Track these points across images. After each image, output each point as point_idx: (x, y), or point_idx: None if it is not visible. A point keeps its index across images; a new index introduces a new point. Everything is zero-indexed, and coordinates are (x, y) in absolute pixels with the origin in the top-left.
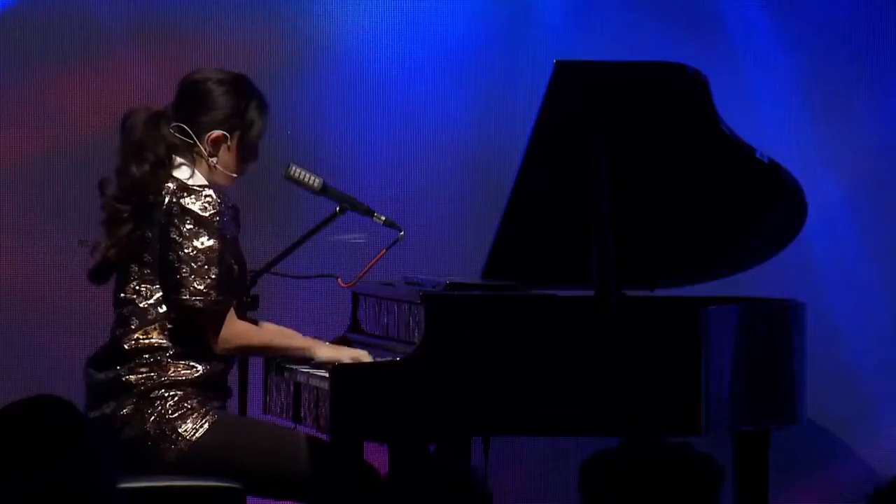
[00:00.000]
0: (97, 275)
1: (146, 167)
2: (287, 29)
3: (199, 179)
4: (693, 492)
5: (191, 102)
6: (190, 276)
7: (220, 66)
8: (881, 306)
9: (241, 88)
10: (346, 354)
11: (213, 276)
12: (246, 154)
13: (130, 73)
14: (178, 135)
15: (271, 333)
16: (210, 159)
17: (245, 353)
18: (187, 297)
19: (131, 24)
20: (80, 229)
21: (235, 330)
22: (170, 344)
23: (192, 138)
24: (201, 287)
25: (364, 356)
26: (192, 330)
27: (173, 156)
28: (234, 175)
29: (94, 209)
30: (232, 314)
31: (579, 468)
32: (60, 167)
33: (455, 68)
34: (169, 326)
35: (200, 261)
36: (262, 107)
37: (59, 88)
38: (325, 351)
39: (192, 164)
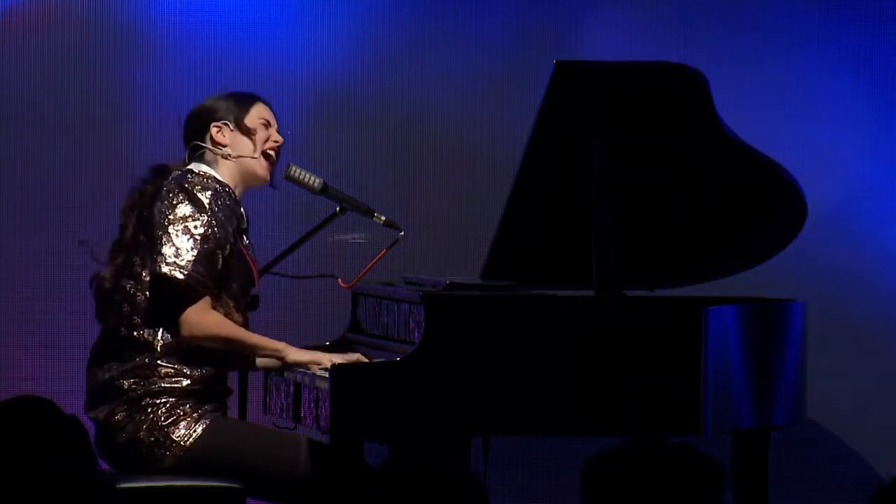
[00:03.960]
0: (102, 307)
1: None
2: (286, 28)
3: (207, 170)
4: (694, 492)
5: (194, 119)
6: (168, 245)
7: (218, 69)
8: (882, 305)
9: (223, 93)
10: (318, 358)
11: (192, 252)
12: (245, 130)
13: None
14: (189, 155)
15: (244, 330)
16: (223, 149)
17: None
18: (161, 264)
19: (132, 24)
20: (81, 229)
21: (204, 319)
22: (159, 339)
23: (203, 142)
24: (178, 260)
25: (337, 358)
26: (166, 308)
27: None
28: (253, 158)
29: (94, 209)
30: (206, 303)
31: (581, 468)
32: (61, 166)
33: (455, 68)
34: (150, 307)
35: (183, 234)
36: (239, 95)
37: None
38: (298, 354)
39: (212, 168)
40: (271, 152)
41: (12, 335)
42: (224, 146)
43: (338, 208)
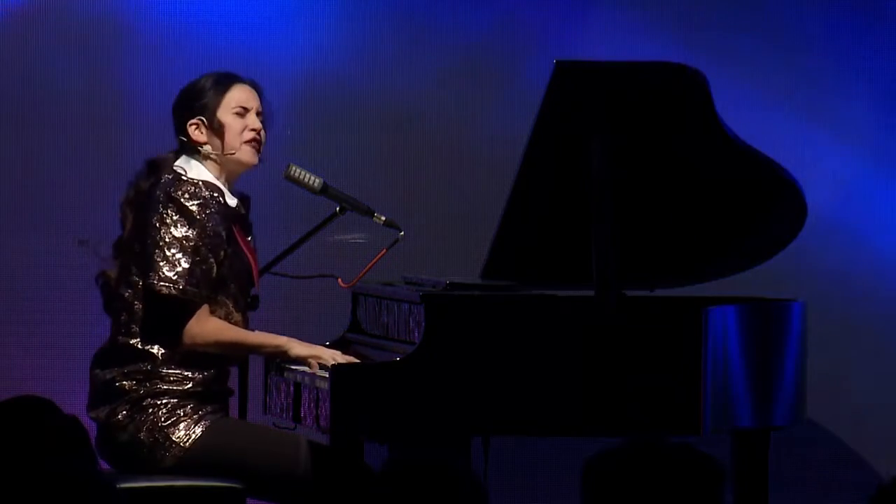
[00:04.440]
0: (109, 303)
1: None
2: (286, 28)
3: (196, 173)
4: (695, 492)
5: (176, 110)
6: (161, 261)
7: (219, 69)
8: (881, 305)
9: (207, 74)
10: (321, 352)
11: (185, 266)
12: (218, 127)
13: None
14: (179, 148)
15: (245, 331)
16: (203, 147)
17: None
18: (155, 281)
19: (132, 24)
20: (81, 229)
21: (205, 327)
22: (158, 348)
23: (185, 138)
24: (170, 274)
25: (339, 356)
26: (164, 323)
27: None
28: (231, 154)
29: (94, 209)
30: (204, 311)
31: (581, 468)
32: (60, 166)
33: (454, 67)
34: (146, 322)
35: (174, 248)
36: (217, 78)
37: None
38: (300, 349)
39: (199, 162)
40: (253, 143)
41: (12, 335)
42: (203, 144)
43: (338, 208)
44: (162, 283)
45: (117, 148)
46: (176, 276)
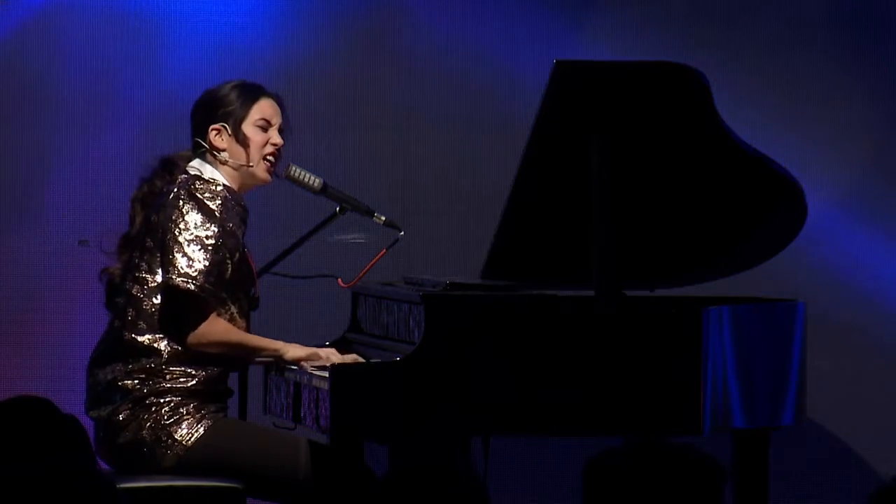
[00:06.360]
0: (111, 299)
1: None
2: (286, 28)
3: (211, 173)
4: (696, 492)
5: (198, 112)
6: (181, 257)
7: (219, 69)
8: (882, 306)
9: (234, 82)
10: (316, 353)
11: (204, 263)
12: (241, 138)
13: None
14: (193, 149)
15: (246, 334)
16: (221, 154)
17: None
18: (174, 276)
19: (132, 25)
20: (81, 229)
21: (213, 328)
22: (165, 346)
23: (203, 142)
24: (189, 270)
25: (333, 354)
26: (176, 319)
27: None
28: (250, 167)
29: (94, 209)
30: (214, 313)
31: (581, 468)
32: (61, 166)
33: (455, 67)
34: (159, 317)
35: (195, 245)
36: (244, 87)
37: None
38: (296, 351)
39: (213, 167)
40: (271, 157)
41: (12, 335)
42: (222, 150)
43: (338, 208)
44: (180, 279)
45: (117, 148)
46: (195, 273)
